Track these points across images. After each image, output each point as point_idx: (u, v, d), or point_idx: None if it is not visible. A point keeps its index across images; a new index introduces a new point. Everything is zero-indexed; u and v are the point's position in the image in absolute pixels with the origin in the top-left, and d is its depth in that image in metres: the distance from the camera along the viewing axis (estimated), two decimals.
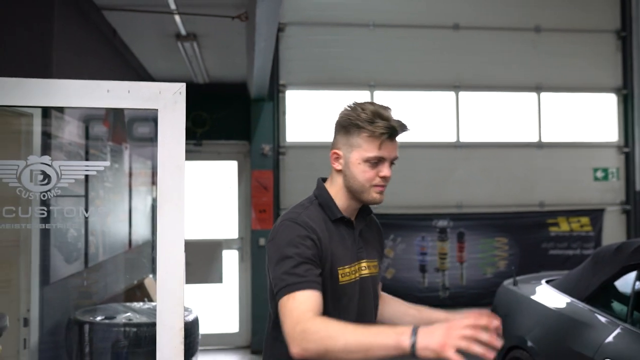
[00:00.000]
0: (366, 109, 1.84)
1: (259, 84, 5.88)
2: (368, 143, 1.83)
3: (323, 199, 1.91)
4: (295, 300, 1.66)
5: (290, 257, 1.73)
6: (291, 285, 1.69)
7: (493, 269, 7.10)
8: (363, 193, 1.87)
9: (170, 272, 2.16)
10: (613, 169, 7.41)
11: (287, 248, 1.75)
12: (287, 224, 1.81)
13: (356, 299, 1.87)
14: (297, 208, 1.90)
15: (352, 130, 1.85)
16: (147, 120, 4.39)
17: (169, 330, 2.14)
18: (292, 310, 1.65)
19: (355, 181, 1.86)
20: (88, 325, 3.04)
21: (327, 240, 1.82)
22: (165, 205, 2.15)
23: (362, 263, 1.93)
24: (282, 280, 1.71)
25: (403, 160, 7.43)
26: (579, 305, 3.63)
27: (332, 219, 1.88)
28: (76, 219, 3.35)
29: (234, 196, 7.06)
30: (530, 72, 7.27)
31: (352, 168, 1.86)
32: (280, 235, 1.80)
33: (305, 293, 1.67)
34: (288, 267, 1.72)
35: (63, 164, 2.11)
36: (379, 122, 1.82)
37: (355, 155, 1.85)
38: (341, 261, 1.85)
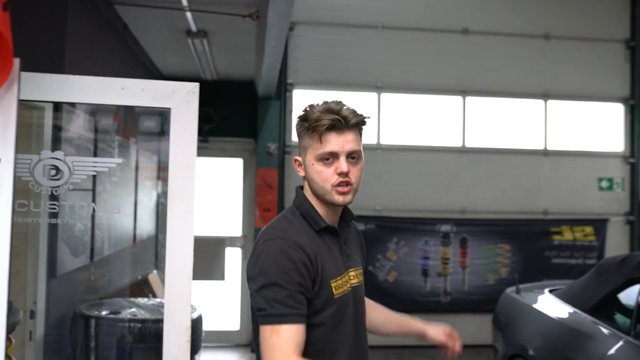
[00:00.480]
0: (315, 108, 1.75)
1: (267, 83, 5.88)
2: (315, 141, 1.72)
3: (304, 209, 1.80)
4: (280, 336, 1.59)
5: (279, 285, 1.62)
6: (278, 316, 1.60)
7: (495, 275, 7.09)
8: (326, 195, 1.74)
9: (178, 271, 2.17)
10: (618, 179, 7.40)
11: (277, 274, 1.63)
12: (276, 244, 1.68)
13: (351, 309, 1.79)
14: (281, 223, 1.77)
15: (302, 132, 1.77)
16: (154, 115, 4.41)
17: (176, 328, 2.15)
18: (275, 348, 1.59)
19: (315, 184, 1.75)
20: (94, 320, 3.05)
21: (317, 255, 1.71)
22: (175, 204, 2.16)
23: (350, 272, 1.83)
24: (269, 307, 1.62)
25: (408, 163, 7.48)
26: (582, 316, 3.63)
27: (316, 229, 1.77)
28: (83, 213, 3.37)
29: (239, 194, 7.07)
30: (538, 79, 7.26)
31: (309, 171, 1.76)
32: (269, 257, 1.67)
33: (290, 328, 1.60)
34: (277, 295, 1.61)
35: (76, 159, 2.12)
36: (326, 116, 1.70)
37: (308, 157, 1.75)
38: (332, 274, 1.74)
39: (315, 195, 1.78)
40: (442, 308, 7.02)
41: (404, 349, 6.88)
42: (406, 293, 6.95)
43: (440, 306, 7.02)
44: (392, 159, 6.91)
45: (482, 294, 7.05)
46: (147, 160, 5.47)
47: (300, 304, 1.63)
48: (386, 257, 6.93)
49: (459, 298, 7.05)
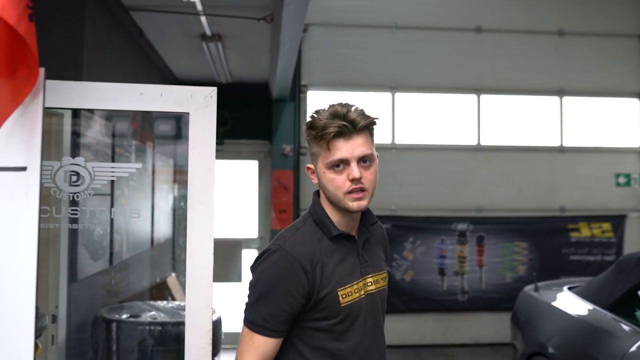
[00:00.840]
0: (321, 114, 1.71)
1: (281, 85, 5.90)
2: (325, 149, 1.68)
3: (317, 216, 1.77)
4: (252, 342, 1.69)
5: (265, 297, 1.68)
6: (255, 325, 1.69)
7: (512, 273, 7.06)
8: (340, 203, 1.71)
9: (199, 273, 2.18)
10: (635, 175, 7.34)
11: (266, 286, 1.68)
12: (272, 254, 1.70)
13: (362, 318, 1.74)
14: (289, 230, 1.78)
15: (310, 140, 1.74)
16: (170, 118, 4.44)
17: (197, 331, 2.17)
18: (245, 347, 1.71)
19: (328, 192, 1.73)
20: (115, 323, 3.08)
21: (319, 264, 1.68)
22: (195, 207, 2.18)
23: (367, 279, 1.78)
24: (250, 313, 1.72)
25: (423, 162, 7.46)
26: (602, 313, 3.60)
27: (329, 237, 1.74)
28: (102, 218, 3.40)
29: (254, 196, 7.10)
30: (552, 75, 7.22)
31: (321, 180, 1.73)
32: (264, 264, 1.71)
33: (262, 339, 1.68)
34: (260, 306, 1.68)
35: (96, 165, 2.15)
36: (333, 122, 1.65)
37: (319, 165, 1.72)
38: (342, 282, 1.71)
39: (330, 203, 1.75)
40: (459, 307, 7.00)
41: (422, 348, 6.88)
42: (423, 292, 6.94)
43: (458, 305, 7.00)
44: (407, 158, 6.90)
45: (500, 292, 7.02)
46: (164, 164, 5.51)
47: (278, 322, 1.68)
48: (403, 256, 6.92)
49: (476, 297, 7.03)
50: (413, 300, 6.93)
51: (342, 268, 1.72)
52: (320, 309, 1.68)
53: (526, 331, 4.31)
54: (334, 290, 1.69)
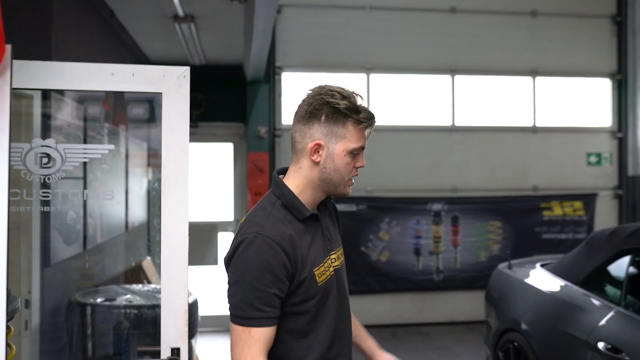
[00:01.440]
0: (347, 95, 1.71)
1: (256, 66, 5.85)
2: (354, 133, 1.70)
3: (287, 199, 1.74)
4: (250, 337, 1.62)
5: (254, 287, 1.61)
6: (250, 319, 1.62)
7: (487, 252, 7.15)
8: (339, 186, 1.75)
9: (174, 256, 2.18)
10: (606, 154, 7.46)
11: (250, 274, 1.62)
12: (252, 241, 1.64)
13: (334, 294, 1.79)
14: (259, 215, 1.72)
15: (338, 118, 1.70)
16: (144, 101, 4.38)
17: (173, 313, 2.17)
18: (244, 348, 1.62)
19: (337, 174, 1.73)
20: (90, 307, 3.06)
21: (297, 246, 1.68)
22: (169, 189, 2.17)
23: (331, 256, 1.81)
24: (240, 309, 1.63)
25: (398, 143, 7.47)
26: (573, 288, 3.68)
27: (300, 219, 1.73)
28: (75, 201, 3.36)
29: (230, 178, 7.06)
30: (526, 56, 7.27)
31: (336, 160, 1.71)
32: (244, 255, 1.64)
33: (261, 330, 1.62)
34: (250, 297, 1.61)
35: (67, 147, 2.11)
36: (363, 112, 1.71)
37: (340, 146, 1.71)
38: (315, 262, 1.72)
39: (326, 184, 1.75)
40: (434, 286, 7.09)
41: (399, 327, 6.95)
42: (399, 272, 7.00)
43: (433, 284, 7.08)
44: (383, 139, 6.91)
45: (474, 271, 7.11)
46: (138, 148, 5.44)
47: (271, 307, 1.63)
48: (378, 237, 6.96)
49: (451, 276, 7.11)
50: (389, 280, 6.98)
51: (313, 248, 1.74)
52: (301, 291, 1.68)
53: (500, 308, 4.38)
54: (311, 271, 1.70)
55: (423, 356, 5.97)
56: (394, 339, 6.58)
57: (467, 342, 6.49)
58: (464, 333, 6.83)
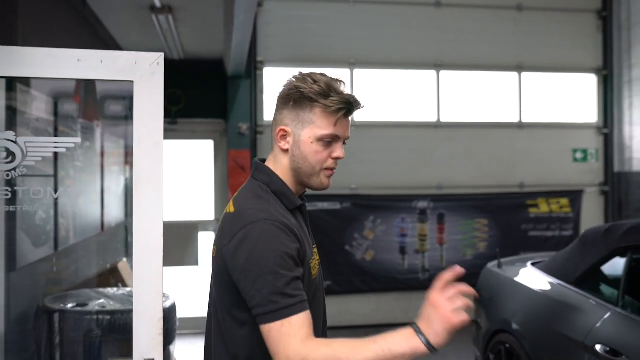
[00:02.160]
0: (319, 80, 1.62)
1: (237, 61, 5.67)
2: (322, 119, 1.60)
3: (277, 187, 1.65)
4: (292, 326, 1.43)
5: (276, 272, 1.46)
6: (285, 309, 1.44)
7: (473, 250, 7.04)
8: (312, 177, 1.65)
9: (147, 259, 2.00)
10: (592, 150, 7.39)
11: (273, 260, 1.46)
12: (263, 227, 1.50)
13: (322, 289, 1.73)
14: (259, 203, 1.59)
15: (304, 103, 1.61)
16: (119, 96, 4.18)
17: (147, 321, 1.99)
18: (289, 342, 1.42)
19: (305, 163, 1.63)
20: (58, 314, 2.85)
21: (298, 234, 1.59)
22: (142, 186, 1.99)
23: (314, 249, 1.73)
24: (269, 302, 1.45)
25: (383, 140, 7.33)
26: (567, 288, 3.55)
27: (290, 208, 1.64)
28: (45, 200, 3.15)
29: (210, 177, 6.87)
30: (511, 51, 7.17)
31: (302, 148, 1.62)
32: (259, 242, 1.49)
33: (300, 317, 1.45)
34: (276, 285, 1.45)
35: (29, 140, 1.92)
36: (334, 95, 1.61)
37: (307, 132, 1.61)
38: (309, 254, 1.63)
39: (297, 173, 1.66)
40: (420, 285, 6.95)
41: (384, 327, 6.72)
42: (384, 271, 6.86)
43: (419, 283, 6.94)
44: (367, 136, 6.77)
45: None
46: (114, 145, 5.24)
47: (299, 290, 1.48)
48: (363, 235, 6.81)
49: (438, 274, 6.87)
50: (374, 280, 6.84)
51: (305, 240, 1.64)
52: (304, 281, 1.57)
53: (490, 308, 4.25)
54: (308, 262, 1.61)
55: None
56: None
57: (454, 342, 6.34)
58: None
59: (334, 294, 6.47)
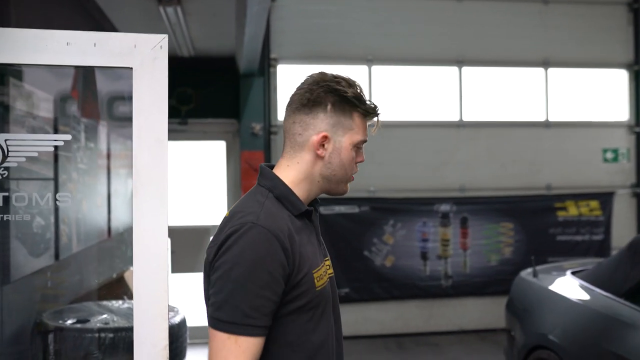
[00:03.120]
0: (352, 84, 1.55)
1: (250, 57, 5.40)
2: (360, 125, 1.56)
3: (280, 192, 1.54)
4: (237, 347, 1.37)
5: (243, 286, 1.38)
6: (237, 325, 1.37)
7: (498, 256, 6.71)
8: (341, 184, 1.60)
9: (149, 274, 1.69)
10: (623, 150, 7.04)
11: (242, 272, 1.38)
12: (246, 234, 1.41)
13: (329, 304, 1.58)
14: (252, 206, 1.49)
15: (344, 108, 1.54)
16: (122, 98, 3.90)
17: (149, 349, 1.68)
18: (230, 357, 1.37)
19: (341, 170, 1.57)
20: (52, 333, 2.56)
21: (296, 242, 1.47)
22: (142, 189, 1.69)
23: (325, 262, 1.61)
24: (223, 311, 1.38)
25: (402, 140, 7.04)
26: (616, 301, 3.22)
27: (295, 214, 1.53)
28: (42, 206, 2.88)
29: (222, 179, 6.61)
30: (537, 46, 6.85)
31: (343, 155, 1.55)
32: (235, 247, 1.40)
33: (249, 340, 1.38)
34: (237, 298, 1.38)
35: (10, 137, 1.64)
36: (369, 102, 1.57)
37: (347, 139, 1.55)
38: (313, 263, 1.51)
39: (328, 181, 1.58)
40: (443, 292, 6.64)
41: (405, 337, 6.52)
42: (405, 278, 6.55)
43: (441, 290, 6.63)
44: (386, 136, 6.46)
45: (485, 275, 6.68)
46: (121, 146, 4.98)
47: (263, 315, 1.39)
48: (382, 240, 6.51)
49: (461, 281, 6.67)
50: (394, 286, 6.53)
51: (310, 248, 1.54)
52: (297, 294, 1.45)
53: (525, 321, 3.93)
54: (310, 272, 1.49)
55: None
56: (401, 350, 6.13)
57: (479, 352, 6.05)
58: (475, 343, 6.39)
59: (351, 302, 6.18)
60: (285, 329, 1.46)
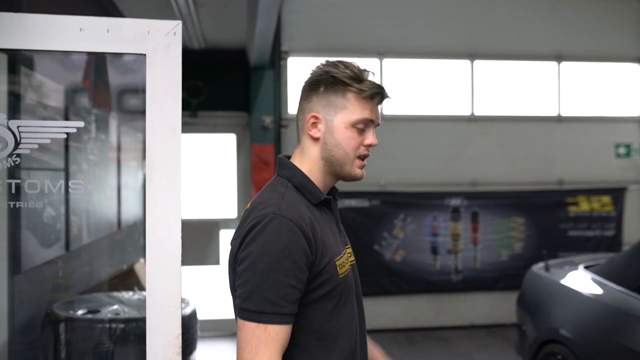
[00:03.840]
0: (350, 66, 1.56)
1: (261, 49, 5.37)
2: (355, 104, 1.55)
3: (299, 181, 1.57)
4: (267, 334, 1.40)
5: (269, 275, 1.40)
6: (263, 314, 1.40)
7: (508, 251, 6.67)
8: (345, 165, 1.57)
9: (163, 263, 1.68)
10: (636, 145, 6.97)
11: (268, 262, 1.40)
12: (269, 224, 1.43)
13: (353, 291, 1.61)
14: (272, 197, 1.51)
15: (337, 88, 1.55)
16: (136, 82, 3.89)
17: (162, 339, 1.67)
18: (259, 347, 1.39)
19: (338, 150, 1.56)
20: (64, 323, 2.55)
21: (317, 231, 1.49)
22: (156, 177, 1.67)
23: (347, 249, 1.64)
24: (251, 301, 1.41)
25: (413, 134, 6.99)
26: (630, 295, 3.18)
27: (314, 202, 1.56)
28: (53, 196, 2.87)
29: (233, 172, 6.59)
30: (550, 39, 6.77)
31: (336, 134, 1.56)
32: (259, 238, 1.43)
33: (277, 329, 1.41)
34: (265, 288, 1.40)
35: (23, 124, 1.62)
36: (367, 80, 1.56)
37: (340, 118, 1.55)
38: (335, 251, 1.54)
39: (329, 163, 1.58)
40: (453, 287, 6.61)
41: (414, 331, 6.49)
42: (415, 272, 6.52)
43: (451, 285, 6.60)
44: (397, 130, 6.42)
45: (496, 270, 6.64)
46: (132, 138, 4.97)
47: (290, 303, 1.42)
48: (392, 234, 6.48)
49: (471, 276, 6.63)
50: (404, 281, 6.51)
51: (330, 237, 1.56)
52: (320, 282, 1.48)
53: (536, 315, 3.89)
54: (332, 259, 1.51)
55: None
56: (410, 344, 6.10)
57: (488, 347, 6.02)
58: (485, 338, 6.35)
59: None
60: (310, 317, 1.48)
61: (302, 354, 1.48)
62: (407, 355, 5.70)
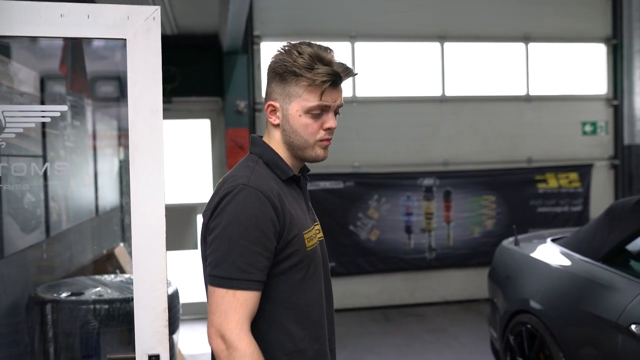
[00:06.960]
0: (303, 53, 1.58)
1: (233, 34, 5.39)
2: (308, 92, 1.58)
3: (269, 157, 1.64)
4: (235, 299, 1.47)
5: (238, 243, 1.47)
6: (235, 280, 1.47)
7: (480, 228, 6.84)
8: (306, 149, 1.63)
9: (148, 241, 1.75)
10: (602, 123, 7.17)
11: (236, 230, 1.48)
12: (238, 195, 1.51)
13: (320, 266, 1.67)
14: (242, 170, 1.60)
15: (289, 78, 1.59)
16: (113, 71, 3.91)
17: (150, 313, 1.75)
18: (228, 311, 1.47)
19: (296, 136, 1.62)
20: (50, 304, 2.61)
21: (285, 203, 1.56)
22: (139, 159, 1.74)
23: (316, 225, 1.72)
24: (220, 268, 1.49)
25: (386, 116, 7.07)
26: (594, 265, 3.34)
27: (283, 178, 1.63)
28: (32, 182, 2.90)
29: (208, 157, 6.62)
30: (518, 21, 6.91)
31: (292, 121, 1.61)
32: (228, 207, 1.50)
33: (246, 294, 1.47)
34: (233, 255, 1.47)
35: (7, 109, 1.67)
36: (319, 67, 1.56)
37: (294, 106, 1.60)
38: (304, 225, 1.62)
39: (291, 147, 1.64)
40: (427, 265, 6.77)
41: (391, 308, 6.64)
42: (390, 251, 6.66)
43: (426, 263, 6.76)
44: (370, 112, 6.52)
45: (468, 247, 6.81)
46: (107, 125, 4.98)
47: (258, 270, 1.49)
48: (367, 215, 6.60)
49: (445, 253, 6.79)
50: (379, 260, 6.64)
51: (299, 211, 1.63)
52: (288, 253, 1.55)
53: (507, 288, 4.04)
54: (300, 232, 1.58)
55: (419, 339, 5.65)
56: (387, 321, 6.25)
57: (463, 322, 6.19)
58: (459, 313, 6.53)
59: (338, 276, 6.27)
60: (278, 287, 1.55)
61: (271, 324, 1.55)
62: (384, 332, 5.84)
